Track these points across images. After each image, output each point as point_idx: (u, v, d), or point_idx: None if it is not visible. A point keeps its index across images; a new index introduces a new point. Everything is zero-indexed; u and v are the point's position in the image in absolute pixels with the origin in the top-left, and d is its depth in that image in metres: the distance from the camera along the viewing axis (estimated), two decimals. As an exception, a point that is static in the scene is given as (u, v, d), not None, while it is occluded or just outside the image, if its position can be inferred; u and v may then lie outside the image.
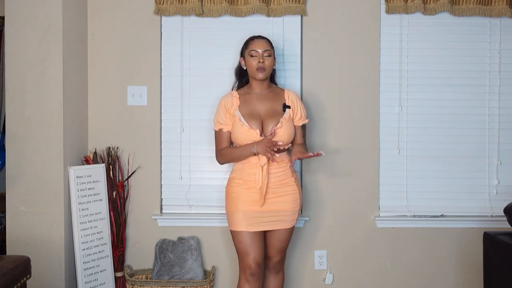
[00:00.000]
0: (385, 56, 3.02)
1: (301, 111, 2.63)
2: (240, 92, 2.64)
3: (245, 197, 2.52)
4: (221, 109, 2.60)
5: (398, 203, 3.04)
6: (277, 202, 2.53)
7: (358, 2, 3.00)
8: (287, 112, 2.56)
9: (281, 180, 2.54)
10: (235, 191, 2.54)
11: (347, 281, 3.05)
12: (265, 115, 2.55)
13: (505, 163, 3.04)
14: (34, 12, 2.64)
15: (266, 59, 2.55)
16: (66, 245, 2.71)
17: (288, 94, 2.63)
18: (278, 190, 2.53)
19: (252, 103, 2.58)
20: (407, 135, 3.03)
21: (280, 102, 2.59)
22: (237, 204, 2.52)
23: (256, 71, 2.55)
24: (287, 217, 2.55)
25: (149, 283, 2.84)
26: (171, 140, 3.04)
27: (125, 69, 3.01)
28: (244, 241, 2.50)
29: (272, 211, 2.52)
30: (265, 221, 2.52)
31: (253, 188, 2.51)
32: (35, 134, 2.66)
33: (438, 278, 3.04)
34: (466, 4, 2.94)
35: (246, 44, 2.61)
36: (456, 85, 3.02)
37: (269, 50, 2.57)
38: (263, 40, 2.60)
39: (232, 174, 2.61)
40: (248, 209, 2.51)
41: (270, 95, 2.62)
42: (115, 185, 2.94)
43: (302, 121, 2.64)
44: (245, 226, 2.50)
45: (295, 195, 2.57)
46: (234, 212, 2.53)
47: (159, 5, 2.94)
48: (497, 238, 2.48)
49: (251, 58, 2.56)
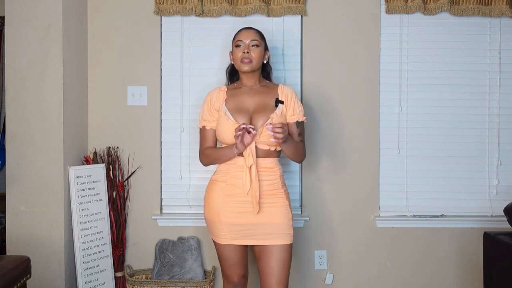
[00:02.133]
0: (385, 56, 3.02)
1: (295, 107, 2.39)
2: (229, 86, 2.46)
3: (228, 207, 2.28)
4: (205, 104, 2.42)
5: (398, 203, 3.04)
6: (267, 214, 2.27)
7: (358, 2, 3.00)
8: (279, 108, 2.33)
9: (271, 190, 2.30)
10: (217, 198, 2.31)
11: (347, 281, 3.05)
12: (255, 110, 2.32)
13: (505, 163, 3.04)
14: (34, 12, 2.64)
15: (252, 50, 2.35)
16: (66, 245, 2.71)
17: (282, 89, 2.41)
18: (268, 200, 2.28)
19: (240, 98, 2.37)
20: (407, 135, 3.03)
21: (272, 97, 2.37)
22: (219, 214, 2.29)
23: (241, 63, 2.34)
24: (280, 230, 2.27)
25: (149, 283, 2.84)
26: (171, 140, 3.04)
27: (125, 69, 3.01)
28: (228, 254, 2.31)
29: (262, 224, 2.26)
30: (253, 234, 2.27)
31: (238, 195, 2.27)
32: (35, 134, 2.66)
33: (438, 278, 3.04)
34: (466, 4, 2.94)
35: (234, 36, 2.45)
36: (456, 85, 3.02)
37: (256, 41, 2.36)
38: (250, 30, 2.41)
39: (215, 175, 2.39)
40: (233, 221, 2.27)
41: (261, 89, 2.41)
42: (115, 185, 2.94)
43: (296, 118, 2.38)
44: (230, 239, 2.29)
45: (286, 208, 2.31)
46: (216, 222, 2.31)
47: (159, 5, 2.94)
48: (497, 238, 2.48)
49: (236, 49, 2.37)
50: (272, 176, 2.32)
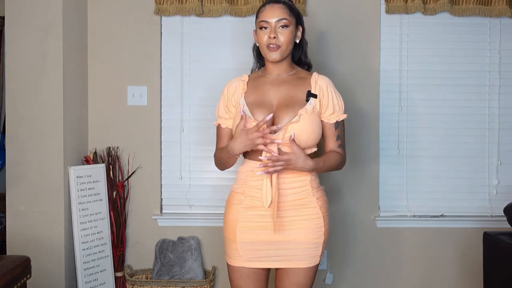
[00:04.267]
0: (385, 56, 3.01)
1: (335, 103, 1.95)
2: (252, 75, 2.03)
3: (246, 222, 1.89)
4: (222, 99, 2.01)
5: (398, 203, 3.04)
6: (292, 230, 1.88)
7: (358, 2, 2.99)
8: (311, 103, 1.90)
9: (298, 199, 1.90)
10: (234, 212, 1.92)
11: (347, 281, 3.05)
12: (279, 104, 1.90)
13: (505, 163, 3.04)
14: (34, 12, 2.64)
15: (281, 32, 1.90)
16: (66, 245, 2.71)
17: (317, 79, 1.97)
18: (294, 213, 1.88)
19: (263, 89, 1.94)
20: (407, 135, 3.03)
21: (303, 89, 1.93)
22: (235, 230, 1.90)
23: (267, 49, 1.91)
24: (303, 251, 1.89)
25: (149, 283, 2.84)
26: (171, 140, 3.04)
27: (125, 69, 3.01)
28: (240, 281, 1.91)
29: (284, 242, 1.87)
30: (271, 255, 1.89)
31: (257, 207, 1.88)
32: (35, 134, 2.66)
33: (438, 278, 3.04)
34: (466, 4, 2.94)
35: (257, 14, 1.99)
36: (456, 85, 3.02)
37: (285, 20, 1.90)
38: (276, 5, 1.92)
39: (234, 185, 2.00)
40: (248, 239, 1.88)
41: (290, 79, 1.97)
42: (115, 185, 2.94)
43: (336, 118, 1.94)
44: (244, 260, 1.89)
45: (317, 221, 1.92)
46: (230, 240, 1.93)
47: (159, 5, 2.94)
48: (497, 238, 2.48)
49: (261, 32, 1.92)
50: (300, 183, 1.90)
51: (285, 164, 1.80)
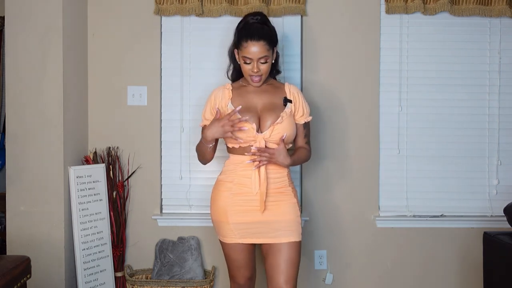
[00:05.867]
0: (385, 56, 3.01)
1: (304, 107, 2.36)
2: (234, 85, 2.37)
3: (235, 206, 2.25)
4: (208, 103, 2.33)
5: (398, 203, 3.04)
6: (275, 211, 2.24)
7: (358, 2, 2.99)
8: (288, 107, 2.30)
9: (278, 187, 2.28)
10: (223, 198, 2.27)
11: (347, 281, 3.05)
12: (263, 109, 2.27)
13: (505, 163, 3.04)
14: (34, 12, 2.64)
15: (261, 65, 2.24)
16: (66, 245, 2.71)
17: (289, 88, 2.37)
18: (275, 198, 2.26)
19: (247, 96, 2.31)
20: (407, 135, 3.03)
21: (279, 95, 2.32)
22: (226, 214, 2.25)
23: (250, 78, 2.28)
24: (287, 228, 2.24)
25: (149, 283, 2.84)
26: (171, 140, 3.04)
27: (125, 69, 3.01)
28: (235, 254, 2.28)
29: (269, 221, 2.24)
30: (260, 231, 2.25)
31: (245, 193, 2.24)
32: (35, 134, 2.66)
33: (438, 278, 3.04)
34: (466, 4, 2.94)
35: (239, 40, 2.26)
36: (456, 85, 3.02)
37: (265, 57, 2.23)
38: (258, 44, 2.21)
39: (221, 175, 2.34)
40: (241, 220, 2.24)
41: (268, 88, 2.35)
42: (115, 185, 2.94)
43: (305, 119, 2.37)
44: (238, 237, 2.25)
45: (294, 206, 2.29)
46: (223, 223, 2.27)
47: (159, 5, 2.94)
48: (497, 238, 2.48)
49: (244, 64, 2.26)
50: (280, 174, 2.29)
51: (269, 156, 2.19)
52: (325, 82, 3.00)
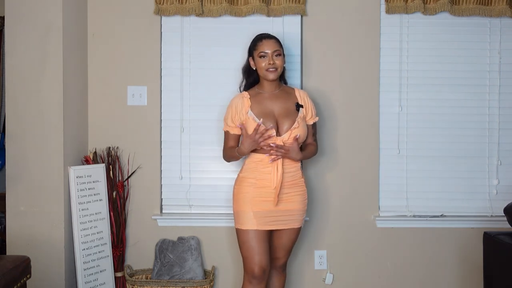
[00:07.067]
0: (385, 56, 3.02)
1: (312, 110, 2.65)
2: (251, 92, 2.62)
3: (257, 197, 2.51)
4: (230, 111, 2.59)
5: (398, 203, 3.04)
6: (288, 202, 2.54)
7: (358, 2, 3.00)
8: (301, 111, 2.57)
9: (292, 180, 2.55)
10: (247, 191, 2.53)
11: (347, 281, 3.05)
12: (279, 114, 2.55)
13: (505, 163, 3.04)
14: (34, 12, 2.64)
15: (276, 59, 2.54)
16: (66, 245, 2.71)
17: (299, 93, 2.64)
18: (290, 190, 2.54)
19: (264, 103, 2.57)
20: (407, 135, 3.03)
21: (292, 101, 2.59)
22: (249, 203, 2.51)
23: (267, 72, 2.54)
24: (297, 216, 2.57)
25: (149, 283, 2.84)
26: (171, 140, 3.04)
27: (125, 69, 3.01)
28: (251, 241, 2.48)
29: (284, 210, 2.53)
30: (276, 220, 2.52)
31: (265, 187, 2.51)
32: (35, 134, 2.66)
33: (438, 278, 3.04)
34: (466, 4, 2.94)
35: (255, 44, 2.59)
36: (456, 85, 3.02)
37: (278, 50, 2.55)
38: (272, 40, 2.57)
39: (243, 173, 2.59)
40: (260, 209, 2.50)
41: (281, 94, 2.61)
42: (115, 185, 2.94)
43: (313, 120, 2.65)
44: (256, 224, 2.48)
45: (303, 195, 2.60)
46: (245, 211, 2.51)
47: (159, 5, 2.94)
48: (497, 238, 2.47)
49: (260, 60, 2.55)
50: (295, 168, 2.57)
51: (284, 152, 2.49)
52: (325, 82, 3.00)
